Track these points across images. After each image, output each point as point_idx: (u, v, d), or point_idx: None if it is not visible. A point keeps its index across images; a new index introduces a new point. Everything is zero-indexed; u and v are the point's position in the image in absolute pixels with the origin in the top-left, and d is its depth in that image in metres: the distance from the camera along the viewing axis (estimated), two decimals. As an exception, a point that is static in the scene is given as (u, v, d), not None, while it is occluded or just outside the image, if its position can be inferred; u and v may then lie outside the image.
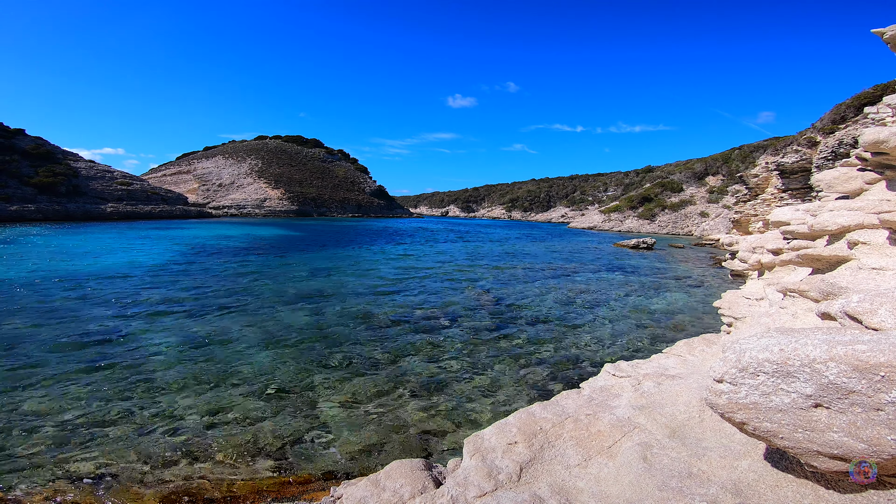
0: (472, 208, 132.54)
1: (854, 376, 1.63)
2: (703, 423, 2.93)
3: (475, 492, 2.65)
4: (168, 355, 6.95)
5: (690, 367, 4.21)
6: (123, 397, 5.49)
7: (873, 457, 1.65)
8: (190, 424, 4.91)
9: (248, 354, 7.09)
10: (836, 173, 6.32)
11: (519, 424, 3.30)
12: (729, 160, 54.68)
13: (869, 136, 4.46)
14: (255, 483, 3.96)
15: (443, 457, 4.40)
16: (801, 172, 24.00)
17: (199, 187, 79.35)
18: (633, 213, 57.24)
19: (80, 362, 6.54)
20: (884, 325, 2.13)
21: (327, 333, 8.34)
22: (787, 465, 2.16)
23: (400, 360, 7.05)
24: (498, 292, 12.87)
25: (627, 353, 7.63)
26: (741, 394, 1.91)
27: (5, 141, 48.38)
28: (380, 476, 3.02)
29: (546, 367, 6.90)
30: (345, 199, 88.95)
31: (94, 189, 51.54)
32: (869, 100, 24.92)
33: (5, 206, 39.90)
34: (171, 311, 9.62)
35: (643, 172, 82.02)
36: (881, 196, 5.08)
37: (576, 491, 2.57)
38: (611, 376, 4.18)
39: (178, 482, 3.93)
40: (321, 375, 6.35)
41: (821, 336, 1.82)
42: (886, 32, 5.36)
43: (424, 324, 9.21)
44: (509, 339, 8.32)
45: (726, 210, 44.61)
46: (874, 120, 9.09)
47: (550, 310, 10.80)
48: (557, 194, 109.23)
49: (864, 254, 4.38)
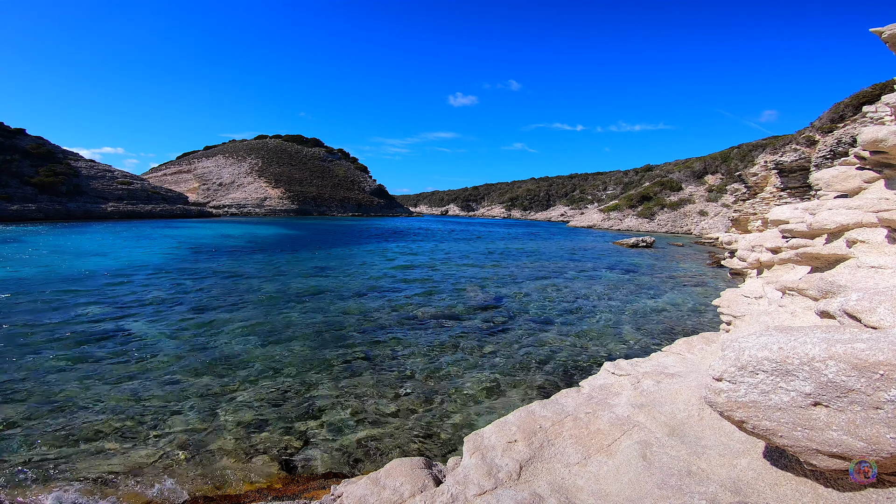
0: (471, 207, 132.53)
1: (853, 375, 1.63)
2: (702, 421, 2.94)
3: (475, 490, 2.66)
4: (168, 353, 6.95)
5: (690, 365, 4.22)
6: (122, 395, 5.49)
7: (872, 455, 1.65)
8: (190, 422, 4.91)
9: (249, 353, 7.09)
10: (835, 172, 6.32)
11: (518, 423, 3.30)
12: (728, 159, 54.69)
13: (867, 135, 4.46)
14: (255, 481, 3.96)
15: (443, 455, 4.40)
16: (800, 171, 24.01)
17: (200, 187, 79.28)
18: (632, 211, 57.25)
19: (81, 361, 6.54)
20: (883, 324, 2.14)
21: (327, 332, 8.35)
22: (787, 464, 2.16)
23: (400, 359, 7.05)
24: (497, 291, 12.87)
25: (627, 352, 7.64)
26: (740, 392, 1.91)
27: (6, 140, 48.32)
28: (380, 474, 3.02)
29: (545, 366, 6.91)
30: (345, 199, 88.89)
31: (95, 188, 51.49)
32: (867, 99, 24.93)
33: (6, 206, 39.86)
34: (172, 309, 9.62)
35: (642, 171, 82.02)
36: (880, 195, 5.08)
37: (575, 489, 2.58)
38: (610, 375, 4.19)
39: (179, 480, 3.93)
40: (321, 374, 6.36)
41: (820, 334, 1.82)
42: (885, 31, 5.35)
43: (424, 322, 9.21)
44: (508, 337, 8.32)
45: (725, 209, 44.62)
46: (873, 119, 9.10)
47: (549, 308, 10.80)
48: (557, 193, 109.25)
49: (862, 252, 4.38)
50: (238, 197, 76.91)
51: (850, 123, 21.94)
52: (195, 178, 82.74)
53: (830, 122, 26.26)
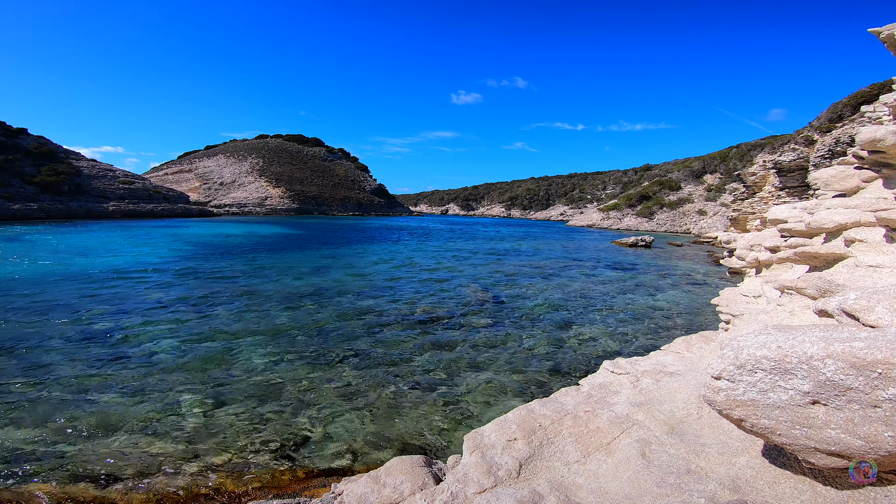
0: (471, 206, 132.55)
1: (851, 373, 1.64)
2: (701, 419, 2.95)
3: (475, 488, 2.67)
4: (169, 352, 6.95)
5: (689, 364, 4.23)
6: (124, 394, 5.49)
7: (870, 453, 1.66)
8: (190, 421, 4.92)
9: (249, 351, 7.10)
10: (834, 171, 6.33)
11: (518, 421, 3.31)
12: (727, 158, 54.72)
13: (866, 135, 4.48)
14: (256, 480, 3.97)
15: (443, 453, 4.41)
16: (799, 171, 24.03)
17: (201, 186, 79.26)
18: (631, 211, 57.29)
19: (81, 360, 6.54)
20: (881, 323, 2.15)
21: (328, 330, 8.35)
22: (785, 462, 2.17)
23: (400, 357, 7.06)
24: (497, 290, 12.88)
25: (626, 350, 7.65)
26: (739, 391, 1.92)
27: (8, 140, 48.27)
28: (380, 472, 3.03)
29: (545, 364, 6.92)
30: (345, 198, 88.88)
31: (97, 188, 51.46)
32: (865, 98, 24.96)
33: (8, 205, 39.82)
34: (173, 308, 9.62)
35: (642, 171, 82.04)
36: (878, 194, 5.10)
37: (575, 487, 2.59)
38: (609, 373, 4.20)
39: (179, 479, 3.94)
40: (322, 372, 6.36)
41: (818, 333, 1.83)
42: (883, 32, 5.36)
43: (424, 321, 9.22)
44: (508, 336, 8.33)
45: (724, 208, 44.66)
46: (871, 118, 9.11)
47: (549, 307, 10.81)
48: (556, 193, 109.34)
49: (860, 251, 4.40)
50: (239, 196, 76.88)
51: (848, 123, 21.96)
52: (196, 178, 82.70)
53: (829, 122, 26.29)
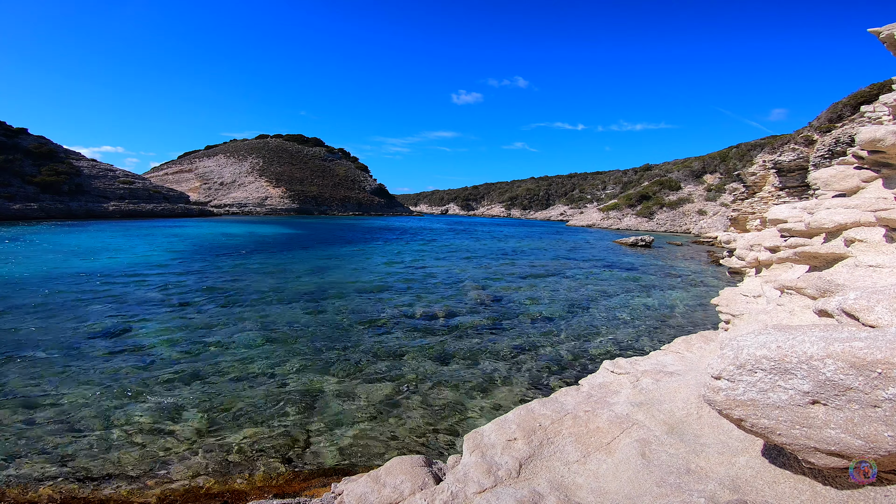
0: (471, 206, 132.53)
1: (851, 373, 1.64)
2: (701, 419, 2.95)
3: (475, 488, 2.67)
4: (170, 352, 6.95)
5: (688, 363, 4.23)
6: (125, 393, 5.49)
7: (870, 453, 1.66)
8: (191, 421, 4.92)
9: (250, 351, 7.10)
10: (833, 171, 6.33)
11: (518, 421, 3.32)
12: (727, 158, 54.71)
13: (865, 135, 4.48)
14: (256, 479, 3.97)
15: (443, 453, 4.42)
16: (798, 170, 24.03)
17: (201, 186, 79.26)
18: (631, 211, 57.27)
19: (82, 359, 6.54)
20: (880, 322, 2.15)
21: (327, 331, 8.35)
22: (785, 462, 2.18)
23: (400, 357, 7.06)
24: (496, 290, 12.88)
25: (626, 350, 7.65)
26: (739, 390, 1.92)
27: (8, 140, 48.30)
28: (380, 472, 3.03)
29: (545, 364, 6.92)
30: (345, 198, 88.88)
31: (97, 188, 51.47)
32: (865, 98, 24.96)
33: (9, 205, 39.84)
34: (173, 308, 9.62)
35: (641, 171, 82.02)
36: (878, 194, 5.10)
37: (574, 487, 2.59)
38: (609, 373, 4.20)
39: (180, 479, 3.94)
40: (321, 372, 6.36)
41: (818, 333, 1.83)
42: (883, 32, 5.36)
43: (424, 321, 9.22)
44: (508, 336, 8.33)
45: (724, 208, 44.65)
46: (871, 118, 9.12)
47: (549, 307, 10.81)
48: (556, 192, 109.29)
49: (860, 251, 4.40)
50: (239, 196, 76.88)
51: (848, 123, 21.96)
52: (196, 178, 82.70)
53: (829, 122, 26.29)
